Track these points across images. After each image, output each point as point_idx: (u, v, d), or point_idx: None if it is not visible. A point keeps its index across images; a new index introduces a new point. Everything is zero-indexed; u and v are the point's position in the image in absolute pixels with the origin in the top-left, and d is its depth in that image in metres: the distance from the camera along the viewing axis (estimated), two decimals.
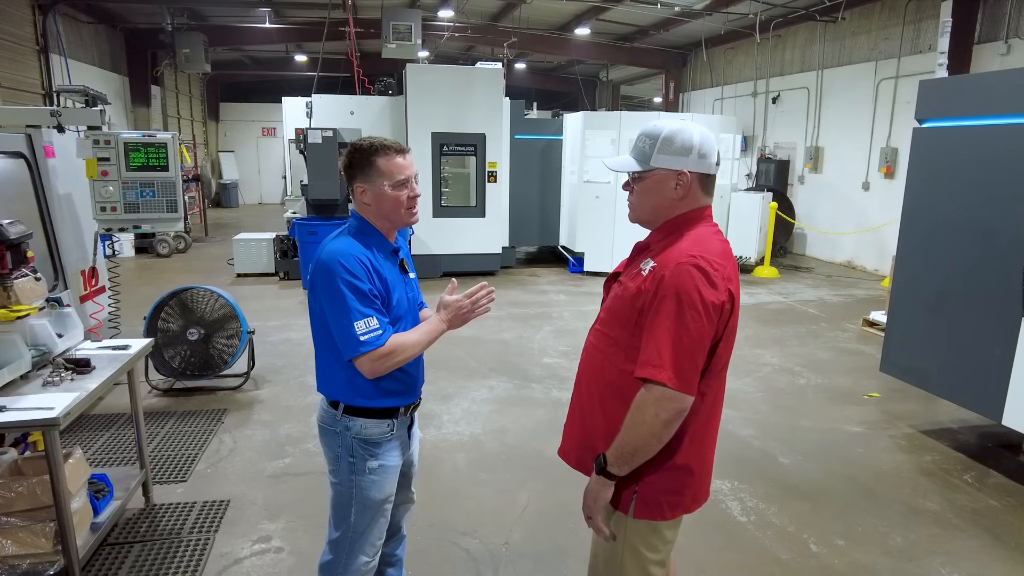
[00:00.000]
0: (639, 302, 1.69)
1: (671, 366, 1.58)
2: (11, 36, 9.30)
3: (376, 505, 2.12)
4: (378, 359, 1.93)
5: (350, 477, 2.08)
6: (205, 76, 18.31)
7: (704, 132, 1.74)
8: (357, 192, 2.02)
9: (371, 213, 2.05)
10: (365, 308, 1.90)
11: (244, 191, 20.49)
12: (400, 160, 2.01)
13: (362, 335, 1.89)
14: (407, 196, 2.02)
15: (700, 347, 1.61)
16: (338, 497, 2.13)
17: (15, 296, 2.84)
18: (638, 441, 1.65)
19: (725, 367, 1.79)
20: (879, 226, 9.83)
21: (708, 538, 3.27)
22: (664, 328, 1.60)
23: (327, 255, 1.94)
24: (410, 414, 2.21)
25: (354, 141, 2.07)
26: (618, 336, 1.75)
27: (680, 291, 1.59)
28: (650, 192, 1.77)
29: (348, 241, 1.98)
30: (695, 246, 1.66)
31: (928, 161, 4.29)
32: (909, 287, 4.45)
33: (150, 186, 4.37)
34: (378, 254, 2.02)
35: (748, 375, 5.64)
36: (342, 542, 2.13)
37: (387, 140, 2.03)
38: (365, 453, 2.07)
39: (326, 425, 2.12)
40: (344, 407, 2.06)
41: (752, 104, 13.39)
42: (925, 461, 4.15)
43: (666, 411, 1.60)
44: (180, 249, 11.26)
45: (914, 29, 9.60)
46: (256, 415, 4.67)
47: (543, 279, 9.65)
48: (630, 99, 22.88)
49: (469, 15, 13.25)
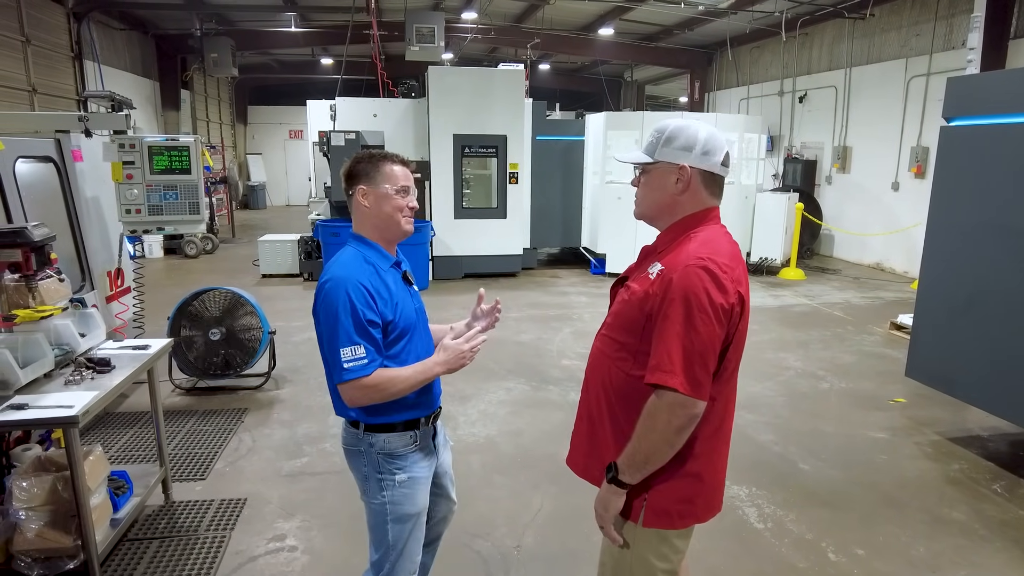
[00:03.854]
0: (647, 306, 1.66)
1: (682, 371, 1.55)
2: (47, 43, 9.57)
3: (411, 519, 2.10)
4: (361, 389, 1.91)
5: (381, 494, 2.06)
6: (233, 80, 18.64)
7: (711, 131, 1.72)
8: (358, 196, 2.03)
9: (369, 224, 2.05)
10: (356, 336, 1.89)
11: (271, 193, 20.80)
12: (405, 170, 2.05)
13: (346, 362, 1.87)
14: (407, 204, 2.04)
15: (711, 351, 1.59)
16: (373, 517, 2.11)
17: (40, 297, 2.92)
18: (650, 449, 1.63)
19: (735, 371, 1.76)
20: (909, 227, 9.60)
21: (723, 545, 3.22)
22: (674, 332, 1.57)
23: (327, 281, 1.94)
24: (432, 424, 2.18)
25: (357, 153, 2.10)
26: (626, 341, 1.73)
27: (689, 294, 1.57)
28: (652, 186, 1.77)
29: (349, 263, 1.97)
30: (703, 248, 1.64)
31: (956, 160, 4.18)
32: (936, 290, 4.34)
33: (173, 189, 4.46)
34: (380, 270, 2.02)
35: (770, 379, 5.55)
36: (383, 562, 2.11)
37: (390, 152, 2.09)
38: (392, 467, 2.06)
39: (350, 447, 2.10)
40: (365, 425, 2.04)
41: (778, 103, 13.19)
42: (952, 469, 4.03)
43: (679, 417, 1.58)
44: (207, 250, 11.47)
45: (946, 24, 9.36)
46: (276, 414, 4.73)
47: (564, 280, 9.62)
48: (655, 99, 22.70)
49: (492, 17, 13.27)
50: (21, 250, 2.84)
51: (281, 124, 21.15)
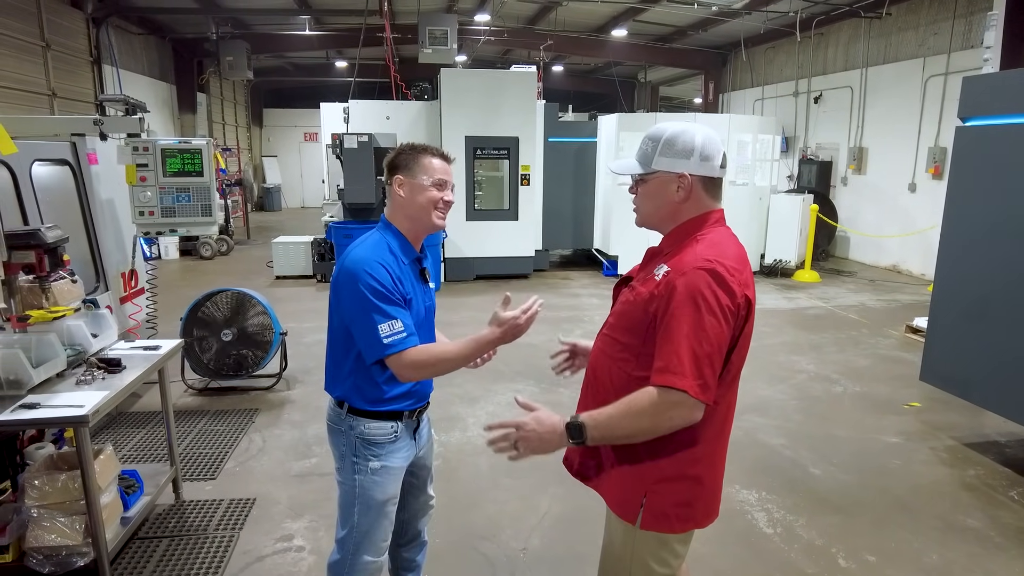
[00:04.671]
0: (652, 307, 1.65)
1: (692, 373, 1.54)
2: (67, 49, 9.73)
3: (378, 506, 2.13)
4: (409, 364, 1.91)
5: (353, 476, 2.11)
6: (248, 83, 18.84)
7: (708, 134, 1.70)
8: (395, 185, 2.05)
9: (401, 213, 2.07)
10: (390, 310, 1.91)
11: (287, 195, 20.97)
12: (444, 164, 2.07)
13: (386, 337, 1.89)
14: (442, 199, 2.05)
15: (718, 353, 1.57)
16: (343, 496, 2.17)
17: (53, 297, 2.96)
18: (636, 433, 1.62)
19: (737, 376, 1.74)
20: (926, 229, 9.47)
21: (731, 550, 3.19)
22: (682, 334, 1.55)
23: (351, 262, 1.96)
24: (417, 417, 2.22)
25: (404, 143, 2.12)
26: (628, 342, 1.72)
27: (697, 296, 1.56)
28: (652, 195, 1.75)
29: (373, 247, 2.00)
30: (710, 250, 1.63)
31: (972, 161, 4.12)
32: (951, 292, 4.27)
33: (186, 191, 4.51)
34: (401, 260, 2.03)
35: (782, 382, 5.49)
36: (347, 541, 2.16)
37: (434, 146, 2.10)
38: (368, 453, 2.10)
39: (332, 424, 2.17)
40: (348, 407, 2.10)
41: (793, 104, 13.07)
42: (968, 475, 3.97)
43: (680, 418, 1.57)
44: (222, 252, 11.58)
45: (965, 23, 9.22)
46: (286, 415, 4.76)
47: (576, 282, 9.60)
48: (669, 100, 22.61)
49: (505, 19, 13.29)
50: (35, 252, 2.88)
51: (296, 127, 21.32)
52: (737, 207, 9.65)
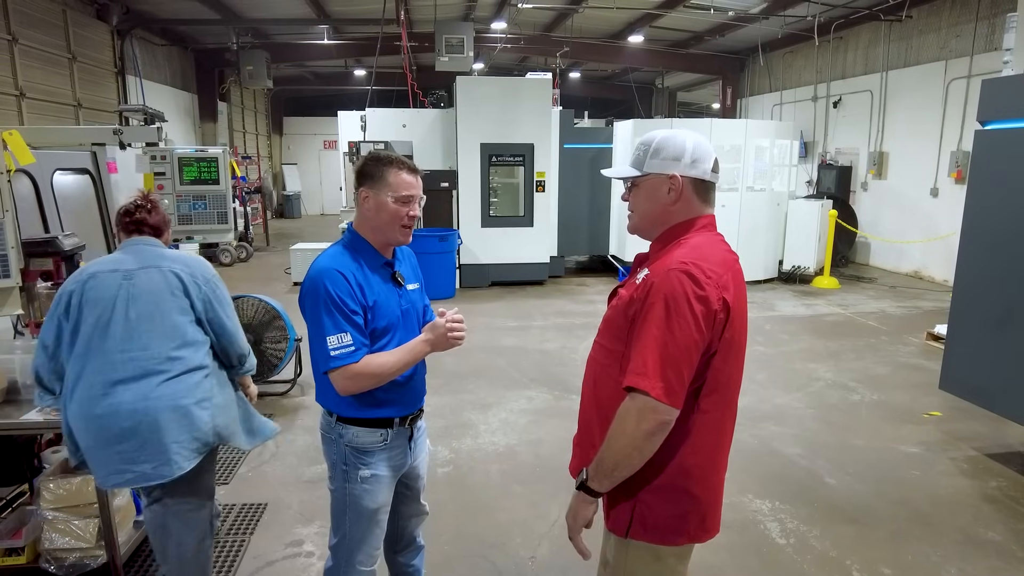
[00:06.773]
0: (631, 311, 1.65)
1: (656, 375, 1.51)
2: (92, 60, 9.95)
3: (369, 514, 2.14)
4: (352, 378, 1.95)
5: (344, 485, 2.12)
6: (268, 92, 19.09)
7: (699, 139, 1.71)
8: (361, 197, 2.05)
9: (367, 225, 2.08)
10: (340, 323, 1.93)
11: (307, 202, 21.20)
12: (409, 178, 2.04)
13: (333, 350, 1.92)
14: (406, 214, 2.04)
15: (687, 357, 1.54)
16: (335, 504, 2.18)
17: None
18: (619, 454, 1.59)
19: (730, 384, 1.69)
20: (948, 235, 9.29)
21: (743, 560, 3.15)
22: (651, 336, 1.54)
23: (313, 270, 2.00)
24: (409, 425, 2.20)
25: (372, 151, 2.11)
26: (614, 348, 1.71)
27: (668, 298, 1.54)
28: (644, 198, 1.76)
29: (335, 256, 2.02)
30: (690, 253, 1.62)
31: (992, 165, 4.04)
32: (972, 299, 4.19)
33: (202, 198, 4.59)
34: (367, 267, 2.04)
35: (799, 390, 5.42)
36: (340, 548, 2.18)
37: (403, 157, 2.07)
38: (357, 462, 2.10)
39: (324, 432, 2.18)
40: (338, 416, 2.10)
41: (812, 109, 12.93)
42: (989, 487, 3.87)
43: (648, 422, 1.53)
44: (241, 258, 11.71)
45: (988, 25, 9.07)
46: (300, 421, 4.80)
47: (591, 289, 9.57)
48: (687, 106, 22.49)
49: (522, 26, 13.34)
50: (52, 259, 2.94)
51: (316, 135, 21.55)
52: (755, 212, 9.57)
